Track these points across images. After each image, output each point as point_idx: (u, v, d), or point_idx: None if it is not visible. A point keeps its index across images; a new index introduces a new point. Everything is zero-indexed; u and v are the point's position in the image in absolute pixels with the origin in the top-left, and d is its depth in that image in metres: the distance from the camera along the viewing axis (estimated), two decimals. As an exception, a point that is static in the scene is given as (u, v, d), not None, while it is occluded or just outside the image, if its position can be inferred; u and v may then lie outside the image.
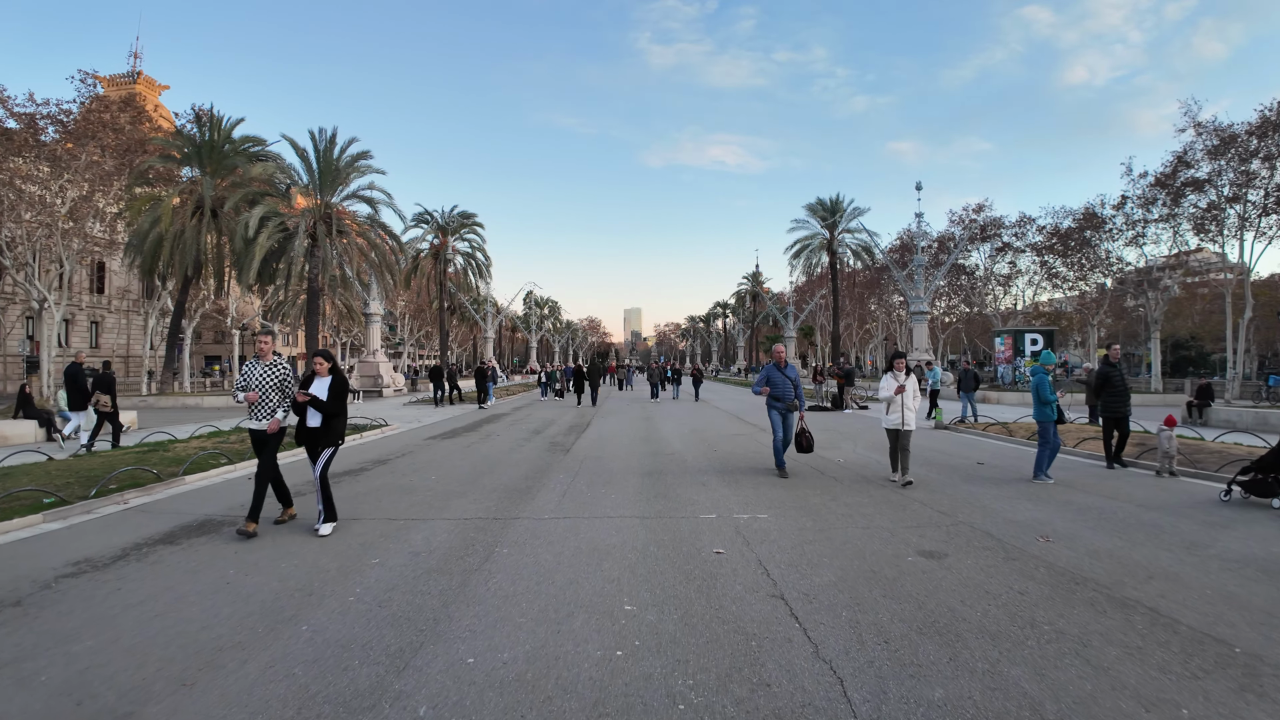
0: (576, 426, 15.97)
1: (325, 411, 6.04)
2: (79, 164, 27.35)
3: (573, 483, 8.24)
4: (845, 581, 4.51)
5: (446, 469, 9.52)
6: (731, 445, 12.14)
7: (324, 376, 6.14)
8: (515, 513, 6.57)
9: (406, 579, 4.61)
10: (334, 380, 6.12)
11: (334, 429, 6.11)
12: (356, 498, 7.49)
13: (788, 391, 8.81)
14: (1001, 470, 9.38)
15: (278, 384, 6.11)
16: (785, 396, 8.80)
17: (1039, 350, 33.21)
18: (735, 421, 17.48)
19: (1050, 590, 4.52)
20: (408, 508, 6.90)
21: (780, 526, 5.94)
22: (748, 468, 9.47)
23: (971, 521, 6.28)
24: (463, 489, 7.87)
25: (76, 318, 48.03)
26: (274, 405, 6.09)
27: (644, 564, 4.83)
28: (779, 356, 9.01)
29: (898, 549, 5.31)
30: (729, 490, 7.72)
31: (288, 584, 4.59)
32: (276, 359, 6.23)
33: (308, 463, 6.39)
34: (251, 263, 27.81)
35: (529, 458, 10.64)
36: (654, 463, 10.00)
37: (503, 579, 4.54)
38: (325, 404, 6.02)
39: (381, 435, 14.31)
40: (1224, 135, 29.34)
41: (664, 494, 7.48)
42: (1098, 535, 5.94)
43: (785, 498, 7.27)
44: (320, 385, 6.10)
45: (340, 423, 6.16)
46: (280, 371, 6.16)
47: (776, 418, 8.84)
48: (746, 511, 6.57)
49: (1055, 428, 8.56)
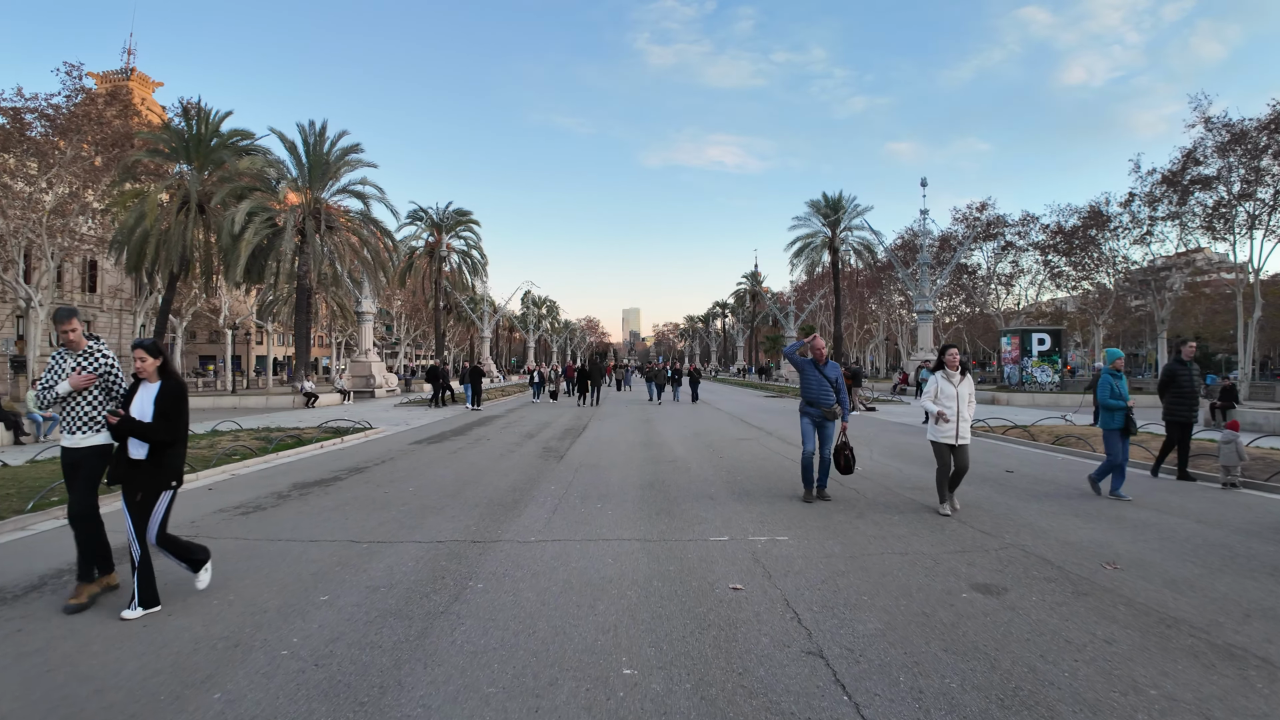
0: (572, 430, 15.13)
1: (151, 439, 3.99)
2: (64, 158, 26.55)
3: (565, 495, 7.39)
4: (894, 629, 3.68)
5: (428, 479, 8.67)
6: (738, 451, 11.31)
7: (151, 382, 4.16)
8: (497, 533, 5.72)
9: (357, 624, 3.77)
10: (164, 389, 4.10)
11: (165, 466, 4.05)
12: (321, 514, 6.64)
13: (825, 394, 7.06)
14: (1034, 480, 8.56)
15: (100, 384, 4.29)
16: (821, 401, 7.06)
17: (1047, 350, 32.64)
18: (739, 424, 16.64)
19: (1141, 637, 3.70)
20: (376, 526, 6.05)
21: (804, 552, 5.09)
22: (758, 477, 8.63)
23: (1022, 544, 5.46)
24: (442, 503, 7.02)
25: (68, 317, 47.04)
26: (90, 412, 4.23)
27: (646, 605, 3.99)
28: (818, 351, 7.14)
29: (948, 582, 4.48)
30: (740, 505, 6.88)
31: (213, 629, 3.76)
32: (94, 348, 4.35)
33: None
34: (238, 259, 26.93)
35: (519, 465, 9.80)
36: (655, 471, 9.17)
37: (473, 626, 3.70)
38: (149, 428, 3.97)
39: (364, 439, 13.46)
40: (1234, 131, 28.68)
41: (667, 510, 6.64)
42: (1168, 561, 5.13)
43: (805, 515, 6.44)
44: (144, 397, 4.10)
45: (177, 455, 4.13)
46: (101, 363, 4.30)
47: (809, 426, 7.14)
48: (763, 532, 5.73)
49: (1123, 440, 7.37)
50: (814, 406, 7.10)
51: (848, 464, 7.00)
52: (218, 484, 8.66)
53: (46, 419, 14.18)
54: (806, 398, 7.16)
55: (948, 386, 6.51)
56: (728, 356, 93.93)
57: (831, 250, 45.12)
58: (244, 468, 9.85)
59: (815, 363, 7.13)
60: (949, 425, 6.40)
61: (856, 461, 7.19)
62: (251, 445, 11.43)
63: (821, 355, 7.14)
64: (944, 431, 6.44)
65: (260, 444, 11.60)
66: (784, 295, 69.13)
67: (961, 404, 6.44)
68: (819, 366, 7.11)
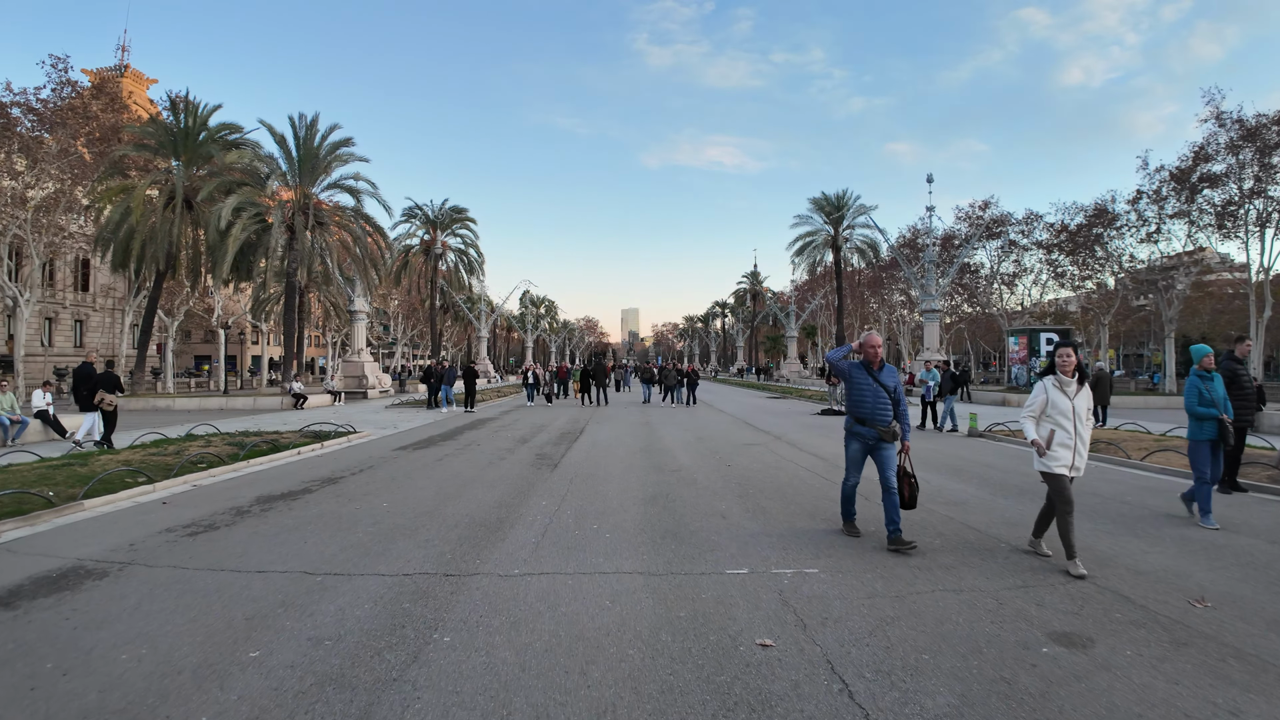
0: (568, 434, 14.30)
1: None
2: (49, 152, 25.73)
3: (557, 513, 6.55)
4: (972, 705, 2.86)
5: (406, 491, 7.84)
6: (746, 459, 10.49)
7: None
8: (475, 564, 4.89)
9: (284, 697, 2.95)
10: None
11: None
12: (279, 535, 5.82)
13: (881, 409, 5.31)
14: (1080, 493, 7.75)
15: None
16: (877, 418, 5.30)
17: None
18: (744, 428, 15.82)
19: (1268, 704, 2.94)
20: (336, 553, 5.22)
21: (840, 591, 4.26)
22: (773, 491, 7.80)
23: (1091, 575, 4.65)
24: (416, 522, 6.19)
25: (60, 316, 46.33)
26: None
27: (653, 671, 3.16)
28: (873, 351, 5.44)
29: (1020, 631, 3.66)
30: (756, 524, 6.06)
31: (109, 699, 2.96)
32: None
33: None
34: (225, 256, 26.09)
35: (509, 475, 8.97)
36: (658, 482, 8.34)
37: (430, 704, 2.87)
38: None
39: (347, 444, 12.62)
40: (1247, 127, 28.05)
41: (674, 531, 5.81)
42: (1260, 595, 4.38)
43: (831, 540, 5.61)
44: None
45: None
46: None
47: (858, 452, 5.44)
48: (787, 561, 4.89)
49: (1214, 455, 6.26)
50: (867, 426, 5.33)
51: (912, 495, 5.30)
52: (176, 496, 7.85)
53: (15, 422, 13.41)
54: (857, 414, 5.40)
55: (1060, 399, 4.79)
56: (727, 357, 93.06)
57: (834, 248, 44.33)
58: (209, 477, 9.03)
59: (867, 367, 5.42)
60: (1064, 451, 4.71)
61: (919, 488, 5.65)
62: (223, 452, 10.60)
63: (877, 357, 5.42)
64: (1058, 460, 4.71)
65: (233, 450, 10.78)
66: (784, 295, 68.32)
67: (1079, 422, 4.75)
68: (873, 372, 5.39)
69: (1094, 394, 20.48)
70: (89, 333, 48.85)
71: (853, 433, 5.48)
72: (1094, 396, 19.25)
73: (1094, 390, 19.52)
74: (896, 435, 5.31)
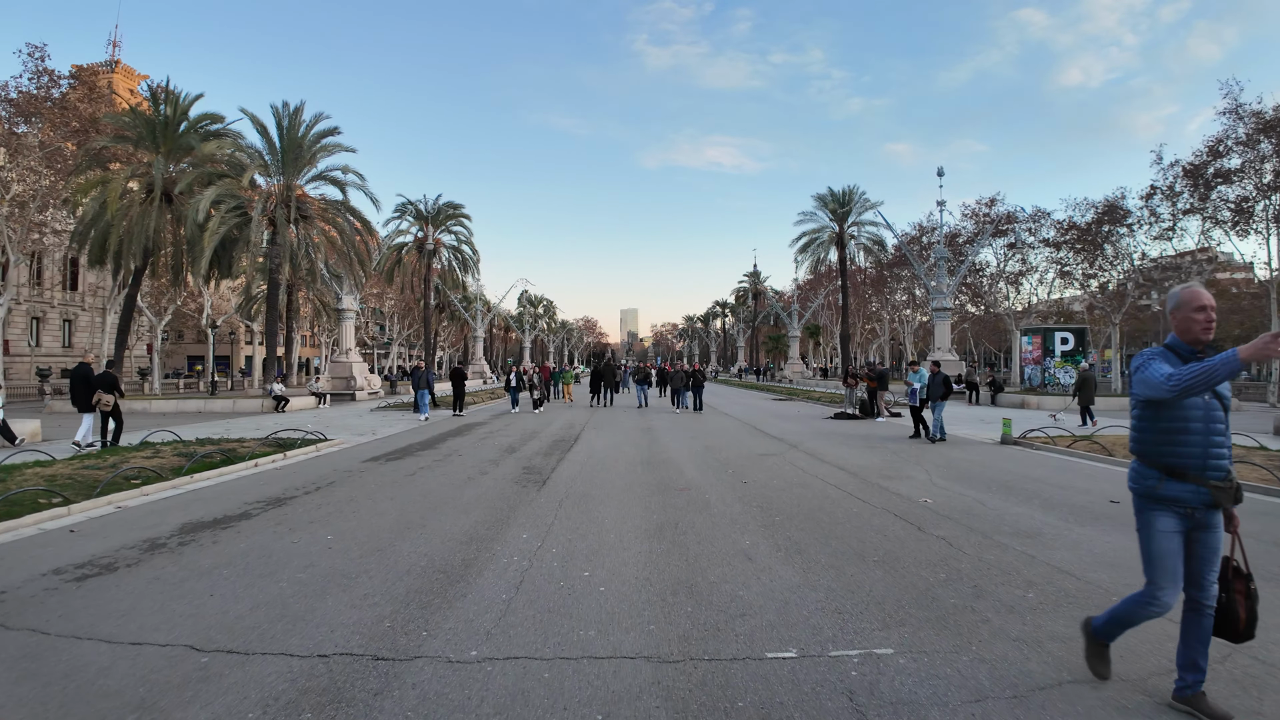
0: (561, 442, 13.00)
1: None
2: (27, 145, 24.46)
3: (539, 552, 5.25)
4: None
5: (361, 518, 6.55)
6: (764, 474, 9.19)
7: None
8: (419, 637, 3.58)
9: None
10: None
11: None
12: (183, 583, 4.54)
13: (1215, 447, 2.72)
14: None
15: None
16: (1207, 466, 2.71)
17: (1070, 350, 30.54)
18: (755, 435, 14.53)
19: None
20: (245, 613, 3.94)
21: (935, 691, 2.96)
22: (803, 518, 6.51)
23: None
24: (359, 566, 4.89)
25: (48, 316, 45.17)
26: None
27: None
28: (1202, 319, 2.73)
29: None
30: (793, 571, 4.75)
31: None
32: None
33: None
34: (203, 251, 24.75)
35: (487, 495, 7.68)
36: (664, 507, 7.05)
37: None
38: None
39: (314, 454, 11.32)
40: (1264, 121, 26.95)
41: (688, 583, 4.50)
42: None
43: (896, 590, 4.32)
44: None
45: None
46: None
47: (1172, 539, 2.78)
48: (848, 637, 3.57)
49: None
50: (1186, 483, 2.74)
51: (1250, 616, 2.73)
52: (90, 522, 6.57)
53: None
54: (1166, 462, 2.78)
55: None
56: (727, 357, 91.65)
57: (839, 245, 42.97)
58: (139, 496, 7.74)
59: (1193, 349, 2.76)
60: None
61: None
62: (169, 464, 9.32)
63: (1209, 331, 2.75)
64: None
65: (179, 462, 9.50)
66: (785, 295, 67.02)
67: None
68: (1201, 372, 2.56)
69: (1079, 395, 18.52)
70: (78, 332, 47.57)
71: (1158, 498, 2.81)
72: (1079, 398, 17.33)
73: (1079, 392, 18.17)
74: (1239, 498, 2.73)
